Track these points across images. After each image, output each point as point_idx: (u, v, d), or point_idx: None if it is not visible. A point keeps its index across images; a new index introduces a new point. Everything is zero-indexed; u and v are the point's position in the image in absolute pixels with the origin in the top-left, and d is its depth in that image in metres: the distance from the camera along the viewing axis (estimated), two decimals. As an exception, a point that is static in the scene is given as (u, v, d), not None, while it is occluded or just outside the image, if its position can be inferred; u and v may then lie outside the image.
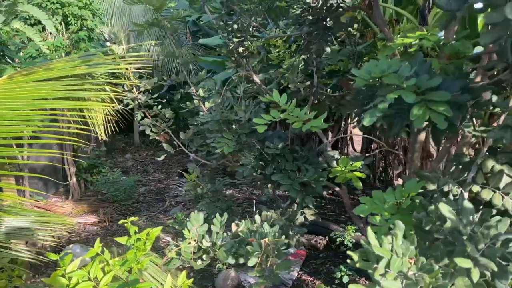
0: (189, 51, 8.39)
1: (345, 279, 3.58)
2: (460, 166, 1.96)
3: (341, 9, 2.79)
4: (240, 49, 3.20)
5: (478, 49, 2.70)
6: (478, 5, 1.50)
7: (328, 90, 4.17)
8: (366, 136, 5.68)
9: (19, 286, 3.48)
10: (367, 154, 6.34)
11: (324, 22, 2.84)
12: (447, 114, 1.57)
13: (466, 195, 1.70)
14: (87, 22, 6.51)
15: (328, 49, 2.81)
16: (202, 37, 8.42)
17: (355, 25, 3.74)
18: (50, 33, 6.53)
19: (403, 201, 1.79)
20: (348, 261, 1.32)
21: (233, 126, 2.83)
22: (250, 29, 3.12)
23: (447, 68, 1.94)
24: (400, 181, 5.53)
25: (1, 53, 4.05)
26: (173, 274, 2.70)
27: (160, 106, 3.06)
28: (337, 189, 3.27)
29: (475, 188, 1.71)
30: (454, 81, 1.71)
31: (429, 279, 1.19)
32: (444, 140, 2.59)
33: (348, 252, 1.33)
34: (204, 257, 2.06)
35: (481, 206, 1.80)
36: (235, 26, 3.02)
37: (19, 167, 5.69)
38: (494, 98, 1.88)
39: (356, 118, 3.83)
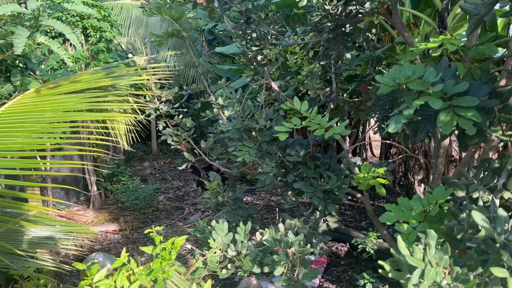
0: (206, 59, 8.47)
1: (368, 287, 3.54)
2: (487, 172, 1.93)
3: (360, 15, 2.78)
4: (259, 57, 3.21)
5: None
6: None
7: (345, 95, 4.14)
8: (385, 141, 5.62)
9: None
10: (386, 160, 6.28)
11: (343, 28, 2.83)
12: (476, 120, 1.54)
13: (497, 202, 1.67)
14: (106, 34, 6.64)
15: (348, 55, 2.80)
16: (217, 46, 8.50)
17: (373, 30, 3.72)
18: (70, 45, 6.68)
19: (431, 209, 1.76)
20: (380, 271, 1.31)
21: (254, 134, 2.83)
22: (269, 37, 3.13)
23: (473, 72, 1.90)
24: (422, 187, 5.45)
25: (24, 66, 4.15)
26: (196, 282, 2.71)
27: (181, 116, 3.09)
28: (358, 195, 3.24)
29: (507, 195, 1.67)
30: (481, 85, 1.69)
31: (464, 289, 1.16)
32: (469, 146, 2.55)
33: (380, 262, 1.31)
34: (229, 266, 2.06)
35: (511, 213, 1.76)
36: (254, 35, 3.04)
37: (42, 177, 5.81)
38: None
39: (377, 124, 3.80)
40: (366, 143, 7.36)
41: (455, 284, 1.20)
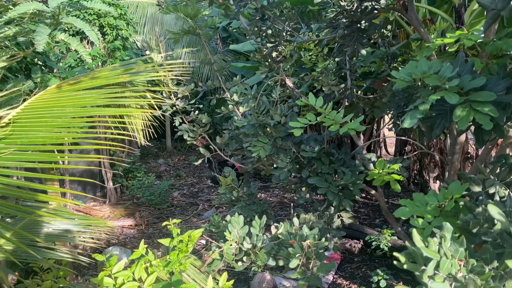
0: (220, 57, 8.52)
1: (382, 284, 3.54)
2: (504, 168, 1.92)
3: (376, 11, 2.78)
4: (274, 54, 3.23)
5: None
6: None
7: (360, 92, 4.13)
8: (400, 137, 5.59)
9: (64, 287, 3.63)
10: (401, 156, 6.24)
11: (359, 25, 2.83)
12: (492, 115, 1.55)
13: (513, 196, 1.66)
14: (122, 32, 6.73)
15: (363, 52, 2.81)
16: (231, 43, 8.54)
17: (389, 26, 3.71)
18: (88, 43, 6.80)
19: (447, 204, 1.76)
20: (395, 262, 1.32)
21: (268, 130, 2.86)
22: (284, 34, 3.15)
23: (490, 67, 1.90)
24: (437, 184, 5.40)
25: (43, 64, 4.25)
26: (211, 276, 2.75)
27: (197, 112, 3.13)
28: (372, 192, 3.25)
29: (523, 190, 1.67)
30: (499, 80, 1.68)
31: (480, 281, 1.17)
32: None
33: (395, 254, 1.32)
34: (244, 259, 2.10)
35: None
36: (269, 31, 3.06)
37: (61, 172, 5.94)
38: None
39: (392, 121, 3.79)
40: (381, 140, 7.32)
41: (470, 276, 1.21)
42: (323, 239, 2.02)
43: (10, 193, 2.10)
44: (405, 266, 1.29)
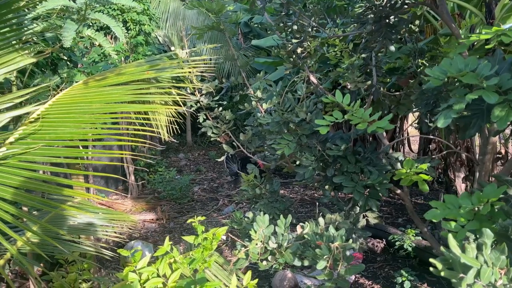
0: (241, 52, 8.49)
1: (407, 285, 3.47)
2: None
3: (405, 6, 2.70)
4: (299, 50, 3.19)
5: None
6: None
7: (384, 89, 4.03)
8: (425, 136, 5.46)
9: (88, 279, 3.70)
10: (428, 156, 6.10)
11: (387, 20, 2.76)
12: (534, 115, 1.47)
13: (555, 201, 1.59)
14: (145, 27, 6.78)
15: (392, 48, 2.74)
16: (253, 39, 8.49)
17: (417, 21, 3.60)
18: (111, 38, 6.87)
19: (482, 207, 1.69)
20: (431, 269, 1.28)
21: (293, 127, 2.82)
22: (309, 29, 3.10)
23: (530, 65, 1.81)
24: (464, 185, 5.26)
25: (69, 59, 4.30)
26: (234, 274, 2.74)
27: (220, 108, 3.12)
28: (398, 191, 3.17)
29: None
30: (540, 79, 1.60)
31: (522, 291, 1.12)
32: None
33: (431, 260, 1.28)
34: (269, 258, 2.08)
35: None
36: (295, 27, 3.02)
37: (85, 166, 6.04)
38: None
39: (418, 119, 3.69)
40: (404, 138, 7.17)
41: (511, 286, 1.16)
42: (350, 240, 1.98)
43: (38, 187, 2.13)
44: (442, 274, 1.24)
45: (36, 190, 2.29)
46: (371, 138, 6.74)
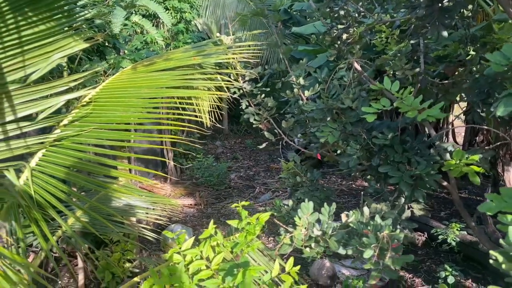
0: (281, 40, 8.42)
1: (450, 280, 3.37)
2: None
3: (461, -11, 2.57)
4: (344, 36, 3.11)
5: None
6: None
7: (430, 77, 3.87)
8: (472, 126, 5.23)
9: (132, 259, 3.84)
10: (470, 148, 5.86)
11: (440, 4, 2.63)
12: None
13: None
14: (186, 15, 6.83)
15: (445, 33, 2.61)
16: (292, 26, 8.38)
17: (470, 6, 3.43)
18: (153, 25, 6.99)
19: (544, 201, 1.60)
20: (491, 261, 1.22)
21: (338, 115, 2.78)
22: (356, 14, 3.02)
23: None
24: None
25: (113, 45, 4.41)
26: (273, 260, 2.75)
27: (263, 95, 3.11)
28: (444, 183, 3.07)
29: None
30: None
31: None
32: None
33: (491, 252, 1.22)
34: (313, 245, 2.07)
35: None
36: (341, 12, 2.94)
37: (128, 150, 6.22)
38: None
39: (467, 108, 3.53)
40: (449, 130, 6.91)
41: None
42: (397, 230, 1.94)
43: (89, 168, 2.21)
44: (503, 266, 1.19)
45: (85, 171, 2.38)
46: (413, 128, 6.53)
